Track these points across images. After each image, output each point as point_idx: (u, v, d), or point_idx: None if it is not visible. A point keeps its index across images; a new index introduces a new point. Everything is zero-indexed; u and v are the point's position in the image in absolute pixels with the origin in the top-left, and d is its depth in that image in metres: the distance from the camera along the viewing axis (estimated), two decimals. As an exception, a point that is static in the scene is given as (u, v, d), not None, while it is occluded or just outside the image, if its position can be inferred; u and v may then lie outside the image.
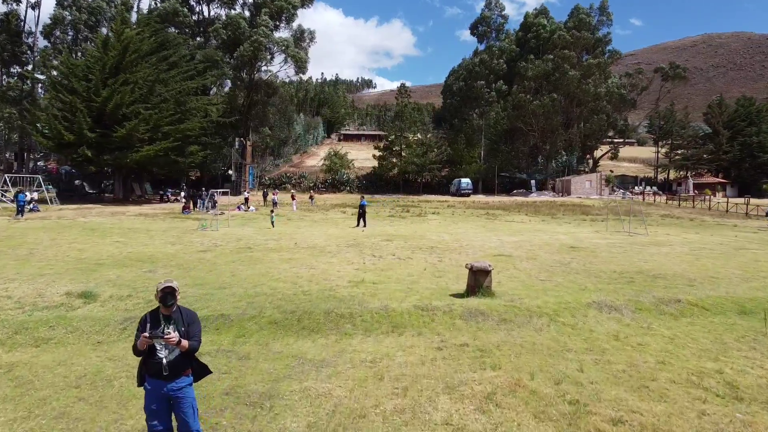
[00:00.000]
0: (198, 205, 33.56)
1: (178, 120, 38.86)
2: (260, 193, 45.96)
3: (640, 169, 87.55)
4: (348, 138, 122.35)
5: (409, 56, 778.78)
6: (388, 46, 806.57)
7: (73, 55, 43.30)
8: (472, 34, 71.11)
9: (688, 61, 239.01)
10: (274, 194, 35.48)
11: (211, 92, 53.82)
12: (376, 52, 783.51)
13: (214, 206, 34.51)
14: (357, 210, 34.58)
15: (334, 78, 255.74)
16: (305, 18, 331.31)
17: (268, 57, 51.25)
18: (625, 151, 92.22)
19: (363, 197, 24.90)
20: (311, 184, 62.67)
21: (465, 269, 12.73)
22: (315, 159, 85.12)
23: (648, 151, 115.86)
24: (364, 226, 23.04)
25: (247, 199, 37.59)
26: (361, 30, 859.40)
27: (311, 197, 40.64)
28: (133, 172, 42.70)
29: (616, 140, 75.53)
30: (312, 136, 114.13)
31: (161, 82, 39.01)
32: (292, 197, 34.58)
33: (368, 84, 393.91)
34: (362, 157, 74.03)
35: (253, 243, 17.47)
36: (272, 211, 24.42)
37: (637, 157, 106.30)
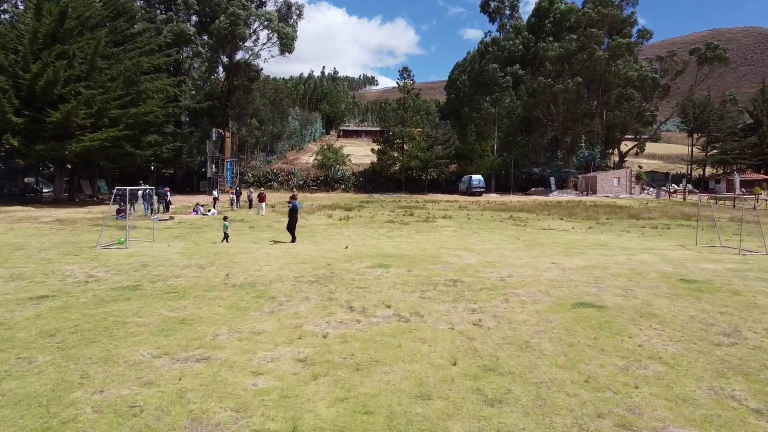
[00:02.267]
0: (146, 208, 26.46)
1: (130, 102, 31.84)
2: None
3: (662, 166, 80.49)
4: (348, 134, 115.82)
5: (413, 55, 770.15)
6: (391, 45, 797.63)
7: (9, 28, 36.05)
8: (483, 11, 63.52)
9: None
10: (232, 192, 28.21)
11: (191, 76, 46.81)
12: (379, 51, 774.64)
13: (167, 208, 27.58)
14: (345, 213, 27.37)
15: (332, 72, 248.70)
16: (308, 16, 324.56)
17: (249, 33, 43.96)
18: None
19: (295, 196, 17.30)
20: (301, 182, 55.43)
21: (544, 365, 5.35)
22: (311, 155, 78.27)
23: (667, 147, 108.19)
24: (293, 240, 15.75)
25: (215, 200, 30.73)
26: (365, 29, 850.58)
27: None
28: (81, 167, 35.72)
29: (643, 136, 68.07)
30: (309, 132, 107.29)
31: (109, 57, 32.01)
32: (260, 197, 27.37)
33: (371, 81, 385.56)
34: (361, 153, 67.40)
35: (155, 276, 10.43)
36: (226, 219, 17.35)
37: (655, 153, 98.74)
